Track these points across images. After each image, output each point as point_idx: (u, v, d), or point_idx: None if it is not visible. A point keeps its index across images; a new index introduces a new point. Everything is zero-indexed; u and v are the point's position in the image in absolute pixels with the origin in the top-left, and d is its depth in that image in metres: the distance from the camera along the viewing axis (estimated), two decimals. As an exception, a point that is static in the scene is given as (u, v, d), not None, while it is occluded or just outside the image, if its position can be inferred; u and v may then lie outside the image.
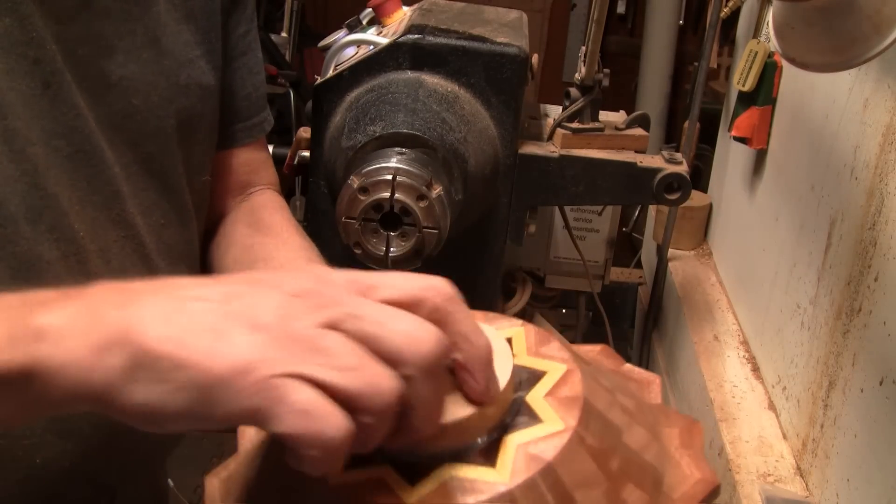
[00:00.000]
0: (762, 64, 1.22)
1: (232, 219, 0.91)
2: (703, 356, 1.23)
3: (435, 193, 0.89)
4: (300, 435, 0.40)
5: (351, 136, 0.97)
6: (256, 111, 0.91)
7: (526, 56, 1.03)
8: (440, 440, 0.46)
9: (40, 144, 0.64)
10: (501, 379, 0.48)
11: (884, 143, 0.84)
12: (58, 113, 0.65)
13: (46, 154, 0.65)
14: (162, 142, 0.75)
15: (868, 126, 0.88)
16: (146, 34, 0.72)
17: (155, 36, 0.73)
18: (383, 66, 1.02)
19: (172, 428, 0.43)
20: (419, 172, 0.90)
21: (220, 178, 0.90)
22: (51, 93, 0.65)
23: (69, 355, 0.42)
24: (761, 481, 0.95)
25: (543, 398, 0.49)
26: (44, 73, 0.64)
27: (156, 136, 0.74)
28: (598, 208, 1.38)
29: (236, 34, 0.86)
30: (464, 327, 0.46)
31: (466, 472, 0.45)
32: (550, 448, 0.45)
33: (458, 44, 1.02)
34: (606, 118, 1.17)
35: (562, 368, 0.51)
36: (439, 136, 0.95)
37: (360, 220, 0.91)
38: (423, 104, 0.97)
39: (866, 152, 0.88)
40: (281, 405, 0.40)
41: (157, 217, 0.76)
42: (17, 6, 0.62)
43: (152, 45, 0.73)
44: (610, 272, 1.45)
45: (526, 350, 0.54)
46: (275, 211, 0.90)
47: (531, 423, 0.48)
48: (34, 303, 0.44)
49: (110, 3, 0.69)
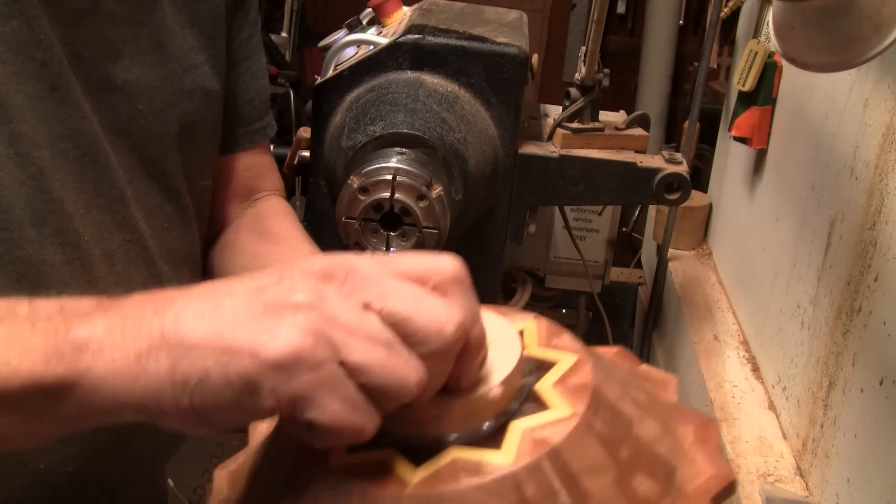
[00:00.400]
0: (762, 64, 1.22)
1: (237, 226, 0.90)
2: (703, 356, 1.23)
3: (435, 193, 0.89)
4: (338, 426, 0.41)
5: (351, 136, 0.97)
6: (259, 115, 0.91)
7: (526, 56, 1.03)
8: (446, 424, 0.46)
9: (46, 148, 0.64)
10: (508, 365, 0.48)
11: (884, 143, 0.84)
12: (64, 116, 0.65)
13: (52, 157, 0.65)
14: (165, 146, 0.75)
15: (868, 126, 0.88)
16: (151, 39, 0.72)
17: (160, 41, 0.73)
18: (383, 66, 1.02)
19: (222, 425, 0.43)
20: (419, 172, 0.90)
21: (222, 183, 0.89)
22: (57, 95, 0.65)
23: (111, 366, 0.42)
24: (761, 481, 0.95)
25: (552, 386, 0.49)
26: (51, 76, 0.64)
27: (159, 140, 0.74)
28: (598, 208, 1.38)
29: (239, 38, 0.86)
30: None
31: (471, 454, 0.45)
32: (557, 432, 0.45)
33: (458, 44, 1.02)
34: (606, 118, 1.17)
35: (572, 358, 0.51)
36: (439, 136, 0.95)
37: (360, 220, 0.91)
38: (423, 104, 0.97)
39: (866, 152, 0.88)
40: (325, 396, 0.41)
41: (160, 221, 0.76)
42: (25, 8, 0.62)
43: (157, 49, 0.73)
44: (610, 272, 1.45)
45: (537, 342, 0.54)
46: (282, 218, 0.90)
47: (538, 409, 0.48)
48: (71, 314, 0.45)
49: (116, 8, 0.69)
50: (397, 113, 0.96)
